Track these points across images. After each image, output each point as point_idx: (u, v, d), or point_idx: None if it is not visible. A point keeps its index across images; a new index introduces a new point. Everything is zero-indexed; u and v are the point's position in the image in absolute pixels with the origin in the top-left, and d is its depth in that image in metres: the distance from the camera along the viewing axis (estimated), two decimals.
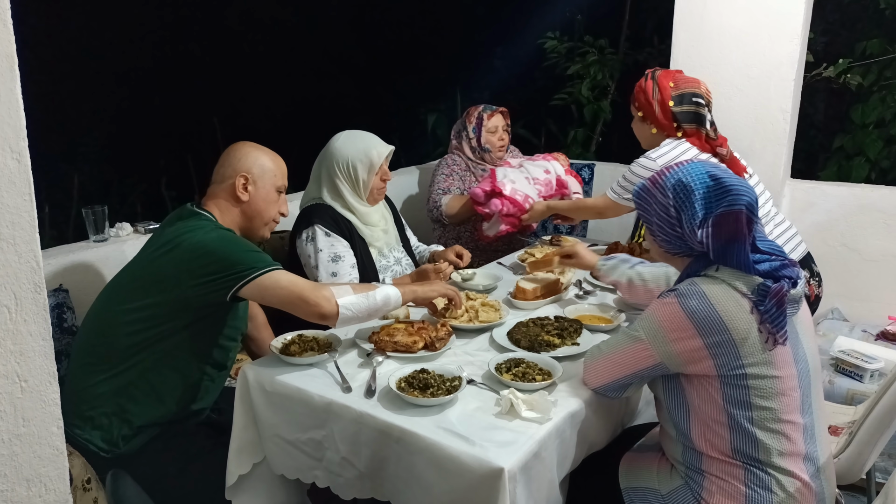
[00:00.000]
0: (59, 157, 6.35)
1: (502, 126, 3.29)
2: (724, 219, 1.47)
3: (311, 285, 1.78)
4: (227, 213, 1.96)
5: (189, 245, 1.77)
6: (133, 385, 1.81)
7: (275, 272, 1.76)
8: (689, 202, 1.50)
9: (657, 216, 1.57)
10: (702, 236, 1.49)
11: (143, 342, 1.80)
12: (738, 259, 1.48)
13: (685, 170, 1.54)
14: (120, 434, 1.81)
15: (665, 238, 1.58)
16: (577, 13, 6.14)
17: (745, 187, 1.50)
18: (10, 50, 1.04)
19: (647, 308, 1.56)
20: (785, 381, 1.47)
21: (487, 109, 3.27)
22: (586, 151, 5.71)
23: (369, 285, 1.87)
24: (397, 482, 1.55)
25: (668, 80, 2.52)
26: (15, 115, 1.06)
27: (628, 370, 1.57)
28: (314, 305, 1.74)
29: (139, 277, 1.84)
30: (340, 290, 1.78)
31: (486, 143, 3.26)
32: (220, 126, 7.05)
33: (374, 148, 2.44)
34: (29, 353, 1.12)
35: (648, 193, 1.59)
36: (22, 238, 1.09)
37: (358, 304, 1.78)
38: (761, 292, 1.45)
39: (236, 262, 1.75)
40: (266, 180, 1.99)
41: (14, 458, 1.14)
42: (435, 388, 1.61)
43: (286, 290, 1.75)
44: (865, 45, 4.58)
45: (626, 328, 1.60)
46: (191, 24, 7.44)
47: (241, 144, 2.03)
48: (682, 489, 1.57)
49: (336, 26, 7.85)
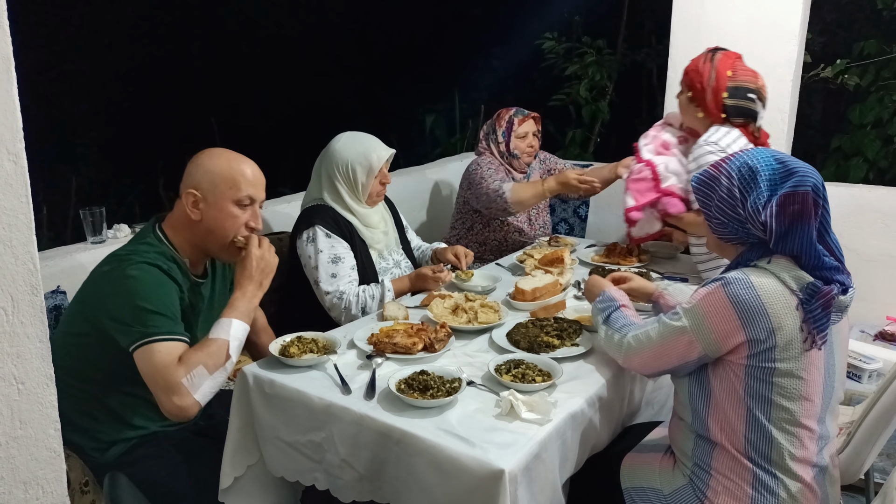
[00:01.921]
0: (57, 159, 6.35)
1: (532, 132, 3.18)
2: (790, 199, 1.44)
3: (170, 379, 1.61)
4: (181, 233, 1.82)
5: (115, 277, 1.69)
6: (91, 408, 1.77)
7: (149, 346, 1.62)
8: (755, 183, 1.48)
9: (719, 199, 1.54)
10: (766, 216, 1.45)
11: (83, 372, 1.74)
12: (801, 241, 1.44)
13: (751, 154, 1.53)
14: (98, 445, 1.78)
15: (722, 222, 1.55)
16: (575, 14, 6.15)
17: (812, 170, 1.48)
18: (6, 51, 1.04)
19: (692, 297, 1.53)
20: (810, 386, 1.46)
21: (519, 114, 3.17)
22: (584, 152, 5.72)
23: (217, 343, 1.68)
24: (397, 484, 1.54)
25: (728, 66, 2.38)
26: (11, 117, 1.05)
27: (674, 362, 1.55)
28: (167, 404, 1.62)
29: (78, 301, 1.79)
30: (196, 378, 1.62)
31: (514, 149, 3.15)
32: (218, 127, 7.05)
33: (374, 151, 2.43)
34: (26, 355, 1.12)
35: (711, 178, 1.56)
36: (19, 240, 1.08)
37: (215, 383, 1.67)
38: (810, 291, 1.43)
39: (124, 323, 1.64)
40: (219, 194, 1.78)
41: (11, 460, 1.13)
42: (435, 389, 1.60)
43: (147, 369, 1.62)
44: (863, 46, 4.58)
45: (668, 318, 1.57)
46: (189, 24, 7.43)
47: (201, 153, 1.84)
48: (685, 489, 1.57)
49: (334, 27, 7.85)
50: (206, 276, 1.94)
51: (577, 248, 2.90)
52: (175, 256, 1.81)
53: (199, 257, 1.89)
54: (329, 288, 2.33)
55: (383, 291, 2.34)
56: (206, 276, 1.94)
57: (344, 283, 2.33)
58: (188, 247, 1.84)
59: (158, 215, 1.88)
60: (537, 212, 3.29)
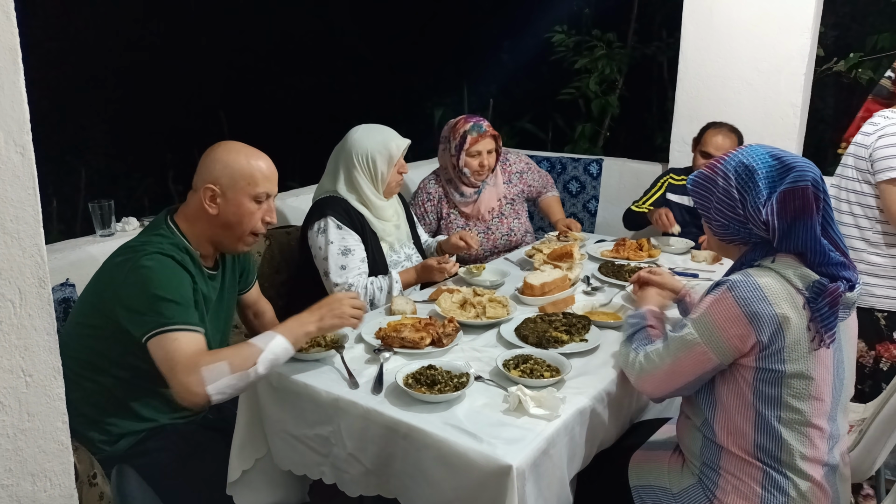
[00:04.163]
0: (67, 152, 6.37)
1: (487, 150, 2.91)
2: (790, 195, 1.42)
3: (187, 363, 1.57)
4: (196, 226, 1.82)
5: (129, 267, 1.68)
6: (102, 400, 1.77)
7: (165, 335, 1.60)
8: (753, 182, 1.45)
9: (717, 201, 1.51)
10: (766, 214, 1.43)
11: (94, 363, 1.74)
12: (805, 237, 1.42)
13: (745, 152, 1.50)
14: (108, 438, 1.79)
15: (723, 223, 1.52)
16: (585, 6, 6.11)
17: (809, 164, 1.46)
18: (13, 43, 1.03)
19: (698, 306, 1.50)
20: (819, 385, 1.44)
21: (475, 130, 2.89)
22: (594, 146, 5.68)
23: (251, 349, 1.62)
24: (404, 479, 1.54)
25: None
26: (18, 109, 1.05)
27: (690, 377, 1.50)
28: (178, 387, 1.57)
29: (91, 292, 1.79)
30: (215, 371, 1.56)
31: (464, 166, 2.92)
32: (226, 120, 7.06)
33: (392, 140, 2.47)
34: (33, 347, 1.12)
35: (707, 179, 1.54)
36: (26, 232, 1.08)
37: (234, 385, 1.58)
38: (816, 290, 1.40)
39: (138, 312, 1.63)
40: (238, 190, 1.78)
41: (19, 452, 1.13)
42: (442, 384, 1.60)
43: (163, 356, 1.59)
44: (876, 39, 4.54)
45: (676, 332, 1.52)
46: (197, 17, 7.43)
47: (216, 147, 1.84)
48: (694, 487, 1.55)
49: (343, 20, 7.83)
50: (216, 269, 1.94)
51: (586, 243, 2.89)
52: (188, 248, 1.81)
53: (211, 250, 1.89)
54: (338, 280, 2.33)
55: (391, 283, 2.34)
56: (217, 269, 1.95)
57: (353, 276, 2.34)
58: (201, 239, 1.84)
59: (170, 207, 1.88)
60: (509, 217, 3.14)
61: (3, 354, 1.08)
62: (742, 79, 3.24)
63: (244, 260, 2.09)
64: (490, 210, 3.06)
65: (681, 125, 3.49)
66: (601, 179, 3.92)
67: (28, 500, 1.16)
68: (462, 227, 3.02)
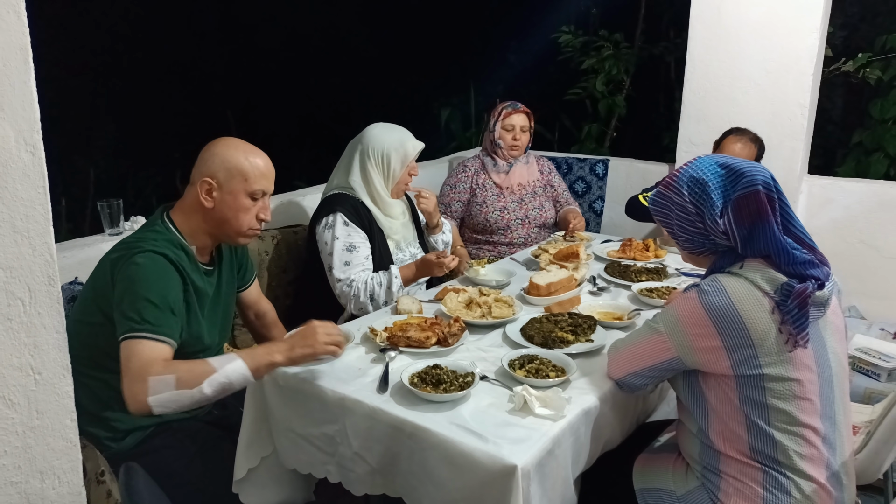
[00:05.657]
0: (76, 151, 6.41)
1: (520, 126, 3.23)
2: (743, 201, 1.44)
3: (139, 370, 1.56)
4: (191, 220, 1.82)
5: (122, 264, 1.70)
6: (106, 397, 1.76)
7: (133, 340, 1.60)
8: (706, 194, 1.48)
9: (677, 217, 1.55)
10: (724, 225, 1.46)
11: (96, 360, 1.74)
12: (766, 240, 1.44)
13: (694, 165, 1.52)
14: (113, 434, 1.79)
15: (687, 237, 1.56)
16: (592, 7, 6.10)
17: (758, 168, 1.48)
18: (24, 42, 1.04)
19: (670, 302, 1.54)
20: (804, 385, 1.43)
21: (511, 106, 3.25)
22: (600, 147, 5.67)
23: (204, 367, 1.59)
24: (410, 478, 1.54)
25: None
26: (29, 108, 1.06)
27: (647, 362, 1.56)
28: (126, 392, 1.56)
29: (89, 288, 1.80)
30: (161, 384, 1.55)
31: (498, 138, 3.25)
32: (234, 119, 7.08)
33: (409, 140, 2.53)
34: (43, 345, 1.12)
35: (663, 197, 1.57)
36: (36, 231, 1.09)
37: (176, 400, 1.56)
38: (784, 292, 1.41)
39: (121, 310, 1.64)
40: (235, 185, 1.79)
41: (28, 450, 1.14)
42: (448, 383, 1.60)
43: (124, 358, 1.59)
44: (885, 39, 4.51)
45: (649, 320, 1.59)
46: (205, 17, 7.46)
47: (215, 142, 1.85)
48: (698, 491, 1.55)
49: (349, 20, 7.84)
50: (213, 265, 1.95)
51: (592, 243, 2.89)
52: (183, 244, 1.82)
53: (208, 243, 1.90)
54: (341, 275, 2.35)
55: (390, 278, 2.35)
56: (213, 265, 1.95)
57: (356, 272, 2.35)
58: (197, 233, 1.85)
59: (166, 204, 1.89)
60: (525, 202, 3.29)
61: (12, 352, 1.09)
62: (750, 79, 3.23)
63: (242, 255, 2.09)
64: (520, 185, 3.28)
65: (688, 126, 3.48)
66: (607, 180, 3.92)
67: (37, 498, 1.17)
68: (495, 197, 3.24)
